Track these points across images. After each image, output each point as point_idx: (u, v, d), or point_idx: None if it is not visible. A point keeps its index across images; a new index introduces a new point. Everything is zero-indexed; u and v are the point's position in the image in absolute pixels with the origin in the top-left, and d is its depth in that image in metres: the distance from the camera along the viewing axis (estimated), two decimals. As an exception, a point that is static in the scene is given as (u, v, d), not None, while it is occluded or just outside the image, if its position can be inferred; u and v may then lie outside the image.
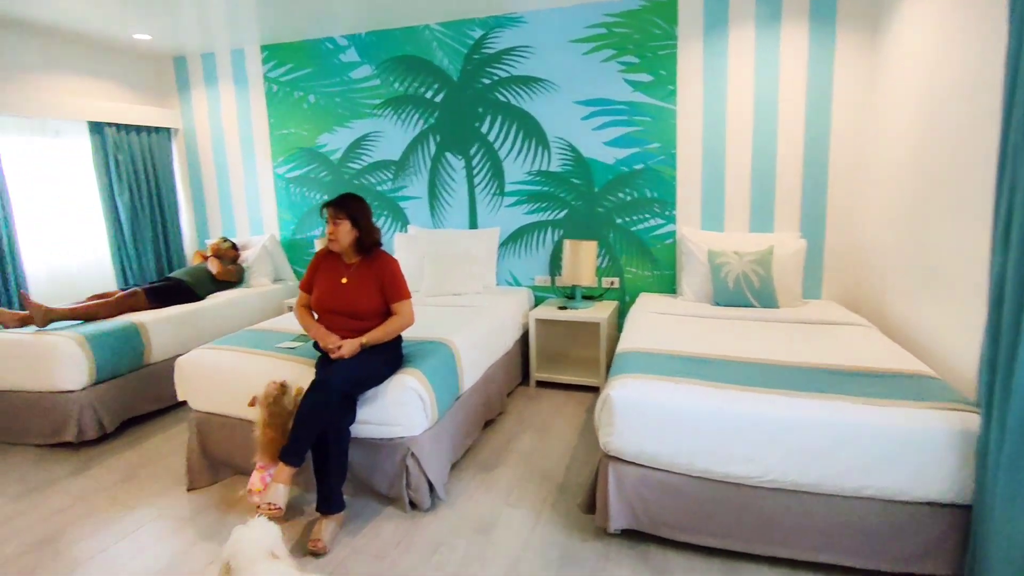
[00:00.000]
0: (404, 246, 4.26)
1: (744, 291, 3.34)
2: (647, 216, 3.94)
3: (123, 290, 3.81)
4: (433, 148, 4.38)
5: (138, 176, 4.70)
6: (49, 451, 3.14)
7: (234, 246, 4.59)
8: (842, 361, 2.36)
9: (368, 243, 2.54)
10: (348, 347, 2.37)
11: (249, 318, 4.23)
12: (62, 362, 3.05)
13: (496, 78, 4.13)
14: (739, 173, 3.71)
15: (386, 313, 2.54)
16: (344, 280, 2.53)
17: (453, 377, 2.75)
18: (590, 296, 4.09)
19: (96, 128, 4.42)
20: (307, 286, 2.64)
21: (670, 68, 3.74)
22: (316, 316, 2.60)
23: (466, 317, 3.32)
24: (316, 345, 2.59)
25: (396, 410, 2.39)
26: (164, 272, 4.90)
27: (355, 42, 4.43)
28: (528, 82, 4.05)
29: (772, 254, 3.38)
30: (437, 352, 2.72)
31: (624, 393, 2.11)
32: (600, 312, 3.70)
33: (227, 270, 4.35)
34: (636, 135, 3.87)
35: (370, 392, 2.40)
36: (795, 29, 3.48)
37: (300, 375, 2.51)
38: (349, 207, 2.49)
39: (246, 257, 4.65)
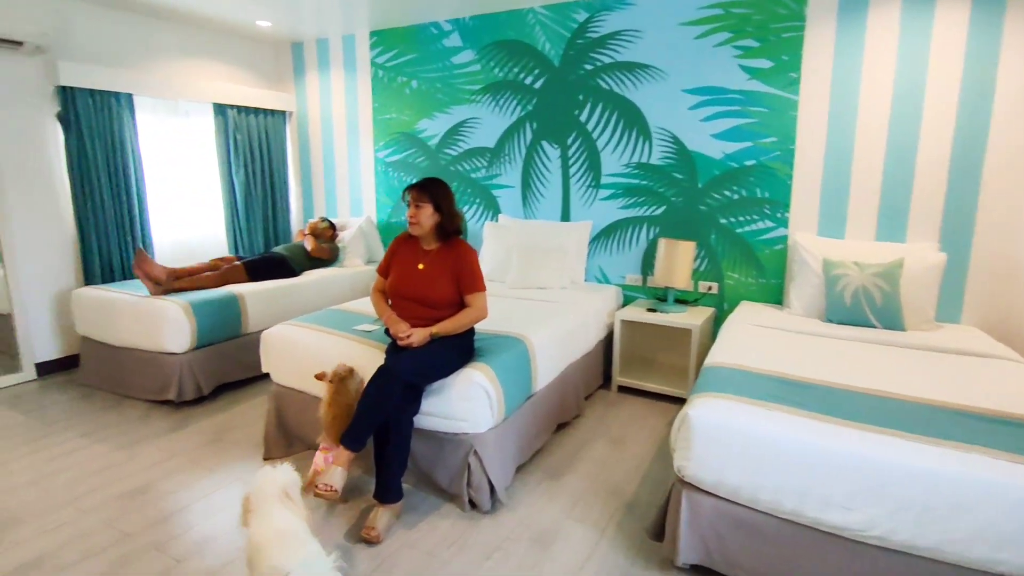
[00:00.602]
0: (493, 235, 4.18)
1: (863, 308, 2.93)
2: (755, 217, 3.58)
3: (237, 258, 4.06)
4: (529, 136, 4.26)
5: (253, 156, 4.99)
6: (154, 407, 3.39)
7: (332, 226, 4.75)
8: (983, 402, 1.97)
9: (450, 229, 2.47)
10: (417, 336, 2.31)
11: (339, 296, 4.36)
12: (170, 326, 3.28)
13: (599, 64, 3.92)
14: (868, 173, 3.26)
15: (460, 304, 2.46)
16: (420, 266, 2.48)
17: (526, 375, 2.63)
18: (684, 300, 3.80)
19: (220, 110, 4.72)
20: (384, 270, 2.62)
21: (794, 53, 3.34)
22: (390, 301, 2.57)
23: (548, 312, 3.19)
24: (388, 331, 2.57)
25: (461, 405, 2.31)
26: (270, 247, 5.18)
27: (459, 26, 4.39)
28: (632, 68, 3.81)
29: (902, 267, 2.94)
30: (511, 347, 2.61)
31: (706, 414, 1.88)
32: (693, 318, 3.42)
33: (321, 248, 4.51)
34: (749, 127, 3.51)
35: (436, 383, 2.33)
36: (952, 7, 2.98)
37: (371, 359, 2.50)
38: (432, 191, 2.43)
39: (343, 237, 4.79)
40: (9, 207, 3.68)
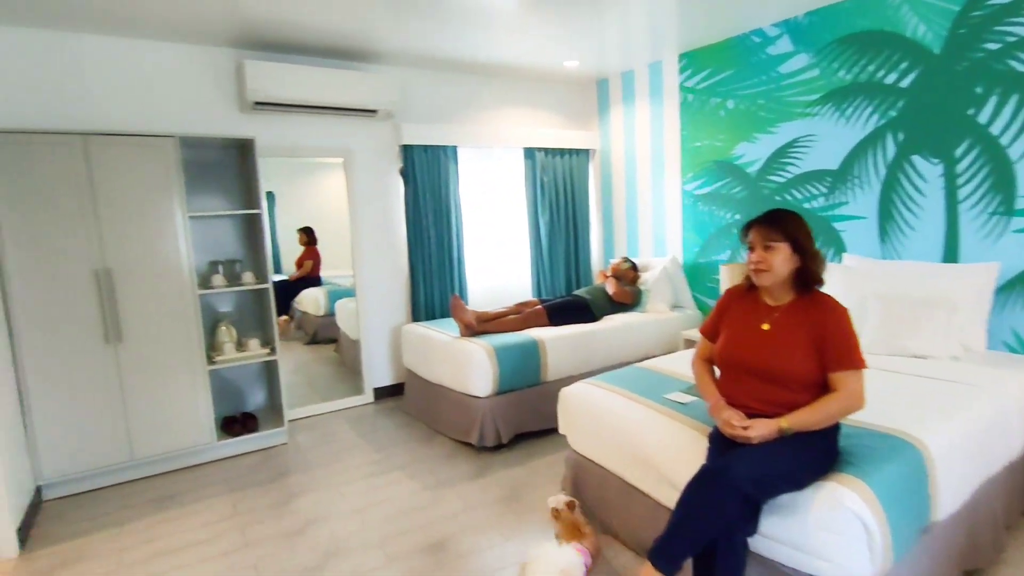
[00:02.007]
0: (838, 280, 3.26)
1: None
2: None
3: (539, 301, 4.02)
4: (892, 150, 3.25)
5: (558, 196, 4.99)
6: (459, 447, 3.44)
7: (634, 267, 4.41)
8: None
9: (811, 278, 1.83)
10: (760, 429, 1.71)
11: (642, 345, 3.95)
12: (474, 368, 3.29)
13: (1009, 39, 2.76)
14: None
15: (820, 384, 1.77)
16: (765, 327, 1.87)
17: (921, 497, 1.78)
18: None
19: (529, 153, 4.85)
20: (711, 331, 2.07)
21: None
22: (719, 373, 2.01)
23: (940, 398, 2.22)
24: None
25: (822, 537, 1.61)
26: (571, 288, 5.10)
27: (788, 28, 3.65)
28: (1084, 36, 2.56)
29: None
30: (896, 454, 1.79)
31: None
32: None
33: (623, 292, 4.18)
34: None
35: (784, 497, 1.68)
36: None
37: (687, 443, 1.98)
38: (788, 226, 1.82)
39: (645, 279, 4.40)
40: (364, 250, 4.27)
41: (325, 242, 5.33)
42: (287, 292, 5.45)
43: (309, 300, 5.46)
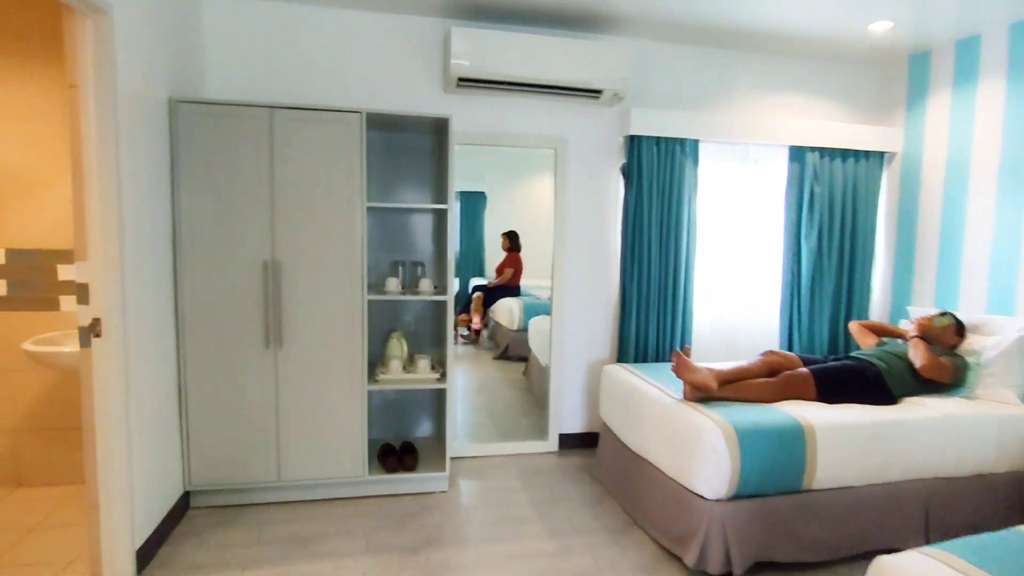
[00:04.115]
0: None
1: None
2: None
3: (801, 359, 2.80)
4: None
5: (833, 214, 3.64)
6: (664, 558, 2.41)
7: (958, 326, 2.92)
8: None
9: None
10: None
11: (973, 455, 2.49)
12: (702, 452, 2.23)
13: None
14: None
15: None
16: None
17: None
18: None
19: (797, 154, 3.59)
20: None
21: None
22: None
23: None
24: None
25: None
26: (836, 342, 3.69)
27: None
28: None
29: None
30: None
31: None
32: None
33: (938, 363, 2.73)
34: None
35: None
36: None
37: None
38: None
39: (976, 348, 2.88)
40: (566, 264, 3.45)
41: (529, 248, 4.78)
42: (489, 297, 5.01)
43: (504, 311, 4.89)
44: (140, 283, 2.21)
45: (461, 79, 3.02)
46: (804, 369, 2.68)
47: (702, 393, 2.53)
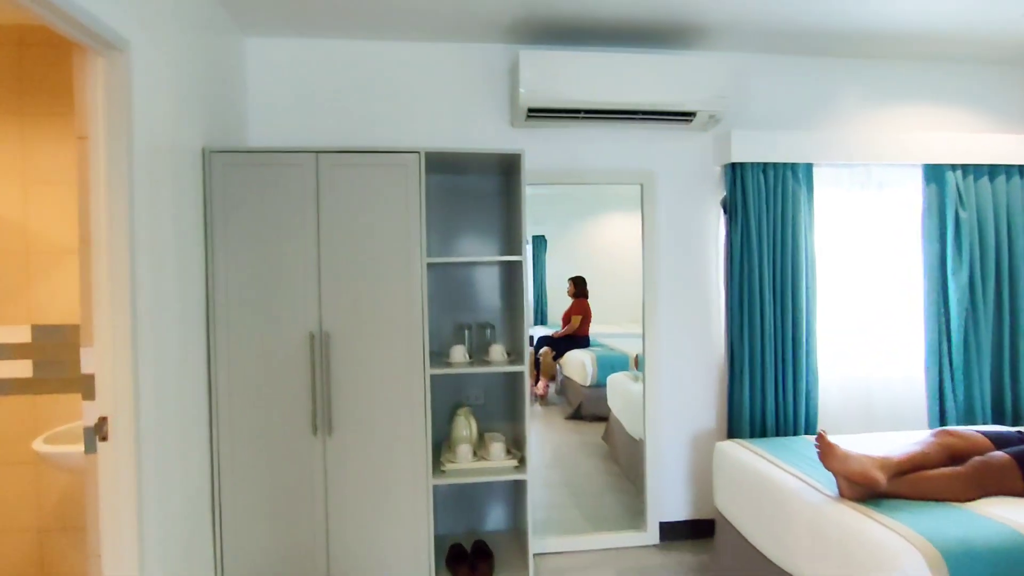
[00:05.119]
0: None
1: None
2: None
3: (987, 436, 2.13)
4: None
5: (984, 245, 2.97)
6: None
7: None
8: None
9: None
10: None
11: None
12: (887, 581, 1.61)
13: None
14: None
15: None
16: None
17: None
18: None
19: (934, 173, 2.97)
20: None
21: None
22: None
23: None
24: None
25: None
26: (1003, 409, 2.96)
27: None
28: None
29: None
30: None
31: None
32: None
33: None
34: None
35: None
36: None
37: None
38: None
39: None
40: (658, 317, 2.92)
41: (595, 293, 4.33)
42: (551, 349, 4.54)
43: (574, 364, 4.35)
44: (161, 369, 1.83)
45: (532, 109, 2.61)
46: (1000, 453, 2.02)
47: (865, 489, 1.92)
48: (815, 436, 2.01)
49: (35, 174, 2.46)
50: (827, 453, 1.93)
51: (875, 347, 3.03)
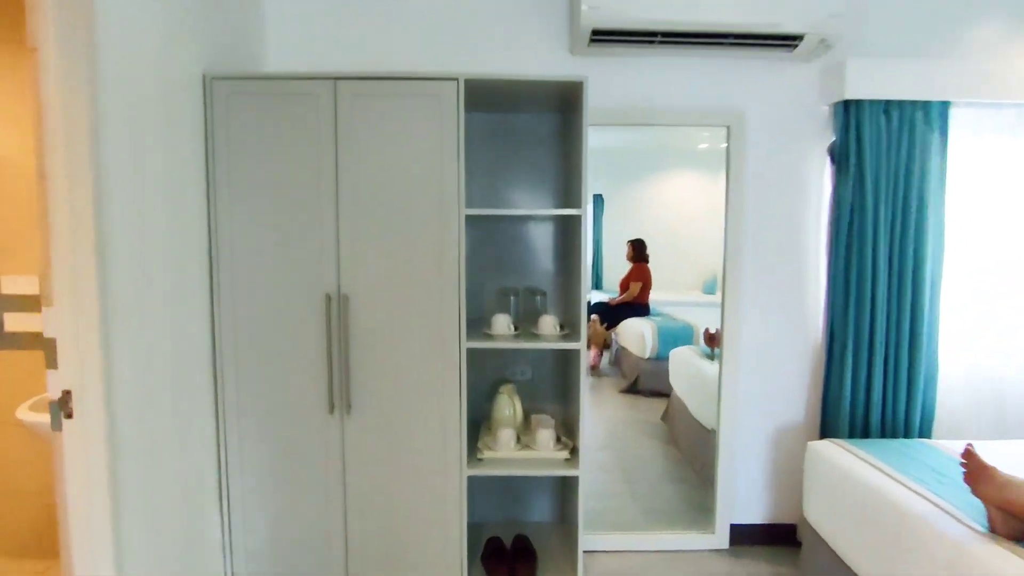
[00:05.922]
0: None
1: None
2: None
3: None
4: None
5: None
6: None
7: None
8: None
9: None
10: None
11: None
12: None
13: None
14: None
15: None
16: None
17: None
18: None
19: (1112, 116, 2.33)
20: None
21: None
22: None
23: None
24: None
25: None
26: None
27: None
28: None
29: None
30: None
31: None
32: None
33: None
34: None
35: None
36: None
37: None
38: None
39: None
40: (741, 286, 2.45)
41: (656, 258, 3.91)
42: (607, 316, 4.16)
43: (632, 334, 3.94)
44: (144, 335, 1.54)
45: (596, 32, 2.14)
46: None
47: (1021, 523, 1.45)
48: (962, 452, 1.54)
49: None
50: (979, 476, 1.46)
51: (1013, 336, 2.46)
